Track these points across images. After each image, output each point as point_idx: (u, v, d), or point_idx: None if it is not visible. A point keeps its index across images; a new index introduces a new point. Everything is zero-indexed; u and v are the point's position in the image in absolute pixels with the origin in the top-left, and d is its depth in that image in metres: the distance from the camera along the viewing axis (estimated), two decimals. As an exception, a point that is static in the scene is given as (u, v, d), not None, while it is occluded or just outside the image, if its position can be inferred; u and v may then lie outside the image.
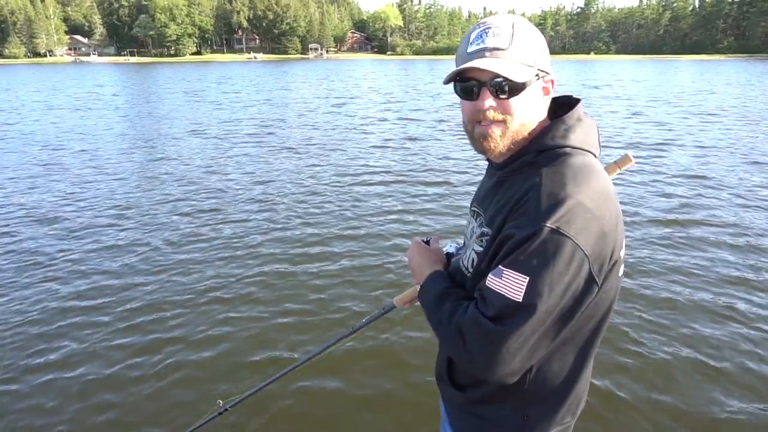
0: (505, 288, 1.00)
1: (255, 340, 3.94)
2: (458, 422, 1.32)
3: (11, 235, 6.21)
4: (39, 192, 8.16)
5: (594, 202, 1.01)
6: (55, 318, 4.28)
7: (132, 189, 8.35)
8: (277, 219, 6.77)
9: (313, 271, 5.13)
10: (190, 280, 4.96)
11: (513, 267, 1.00)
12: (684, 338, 3.87)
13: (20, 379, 3.49)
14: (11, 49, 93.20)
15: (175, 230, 6.35)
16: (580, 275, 0.99)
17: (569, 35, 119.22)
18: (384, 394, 3.34)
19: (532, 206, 1.01)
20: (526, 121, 1.11)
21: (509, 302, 0.99)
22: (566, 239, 0.97)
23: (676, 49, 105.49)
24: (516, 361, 1.02)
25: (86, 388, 3.40)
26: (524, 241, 0.99)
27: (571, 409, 1.21)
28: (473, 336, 1.04)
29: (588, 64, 68.96)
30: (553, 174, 1.04)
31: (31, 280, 5.00)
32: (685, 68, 53.42)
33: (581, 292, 1.01)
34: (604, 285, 1.06)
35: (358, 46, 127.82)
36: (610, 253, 1.04)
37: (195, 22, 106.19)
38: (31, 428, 3.06)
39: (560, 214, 0.98)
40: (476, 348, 1.03)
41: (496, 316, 1.01)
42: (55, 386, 3.42)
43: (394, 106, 20.60)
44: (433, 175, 9.06)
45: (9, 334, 4.05)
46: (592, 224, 0.99)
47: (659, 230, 6.14)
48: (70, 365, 3.65)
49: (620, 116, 16.49)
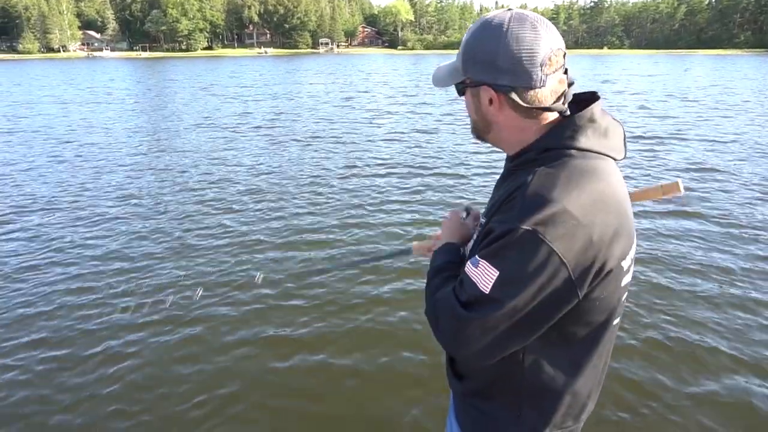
0: (477, 277, 1.02)
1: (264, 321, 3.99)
2: (461, 412, 1.34)
3: (23, 221, 6.31)
4: (52, 181, 8.23)
5: (583, 209, 0.98)
6: (67, 298, 4.36)
7: (144, 178, 8.39)
8: (289, 207, 6.79)
9: (324, 257, 5.14)
10: (197, 263, 4.98)
11: (487, 259, 1.01)
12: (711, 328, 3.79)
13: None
14: (25, 44, 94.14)
15: (190, 219, 6.42)
16: (554, 281, 0.98)
17: (582, 30, 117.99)
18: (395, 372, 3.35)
19: (516, 204, 1.01)
20: (474, 119, 1.18)
21: (477, 292, 1.02)
22: (542, 243, 0.96)
23: (692, 43, 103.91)
24: (480, 346, 1.04)
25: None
26: (501, 236, 1.00)
27: (571, 413, 1.20)
28: (444, 314, 1.09)
29: (601, 58, 68.18)
30: (545, 175, 1.02)
31: (47, 264, 5.04)
32: (701, 63, 52.58)
33: (556, 299, 1.00)
34: (591, 294, 1.04)
35: (368, 40, 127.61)
36: (600, 264, 1.01)
37: (206, 17, 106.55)
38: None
39: (540, 217, 0.96)
40: (445, 326, 1.09)
41: (466, 302, 1.04)
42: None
43: (404, 99, 20.54)
44: (445, 167, 8.98)
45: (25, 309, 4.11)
46: (577, 232, 0.97)
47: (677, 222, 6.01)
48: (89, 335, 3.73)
49: (643, 114, 16.17)
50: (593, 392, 1.23)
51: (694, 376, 3.30)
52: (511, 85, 1.04)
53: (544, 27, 1.02)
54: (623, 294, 1.14)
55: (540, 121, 1.10)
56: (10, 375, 3.40)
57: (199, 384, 3.29)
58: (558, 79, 1.06)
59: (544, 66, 1.02)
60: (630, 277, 1.14)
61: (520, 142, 1.12)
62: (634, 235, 1.11)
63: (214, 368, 3.46)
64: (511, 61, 1.02)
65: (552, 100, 1.07)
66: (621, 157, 1.12)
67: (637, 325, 3.86)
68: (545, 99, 1.06)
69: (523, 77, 1.03)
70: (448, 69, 1.17)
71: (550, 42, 1.02)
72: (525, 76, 1.03)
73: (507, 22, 1.02)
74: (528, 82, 1.03)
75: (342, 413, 3.05)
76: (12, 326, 3.98)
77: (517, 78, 1.03)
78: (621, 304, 1.16)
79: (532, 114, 1.08)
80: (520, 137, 1.12)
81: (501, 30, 1.02)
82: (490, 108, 1.11)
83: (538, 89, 1.04)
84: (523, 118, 1.09)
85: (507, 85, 1.05)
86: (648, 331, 3.78)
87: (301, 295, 4.39)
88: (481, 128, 1.18)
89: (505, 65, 1.03)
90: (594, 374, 1.19)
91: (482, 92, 1.10)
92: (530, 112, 1.08)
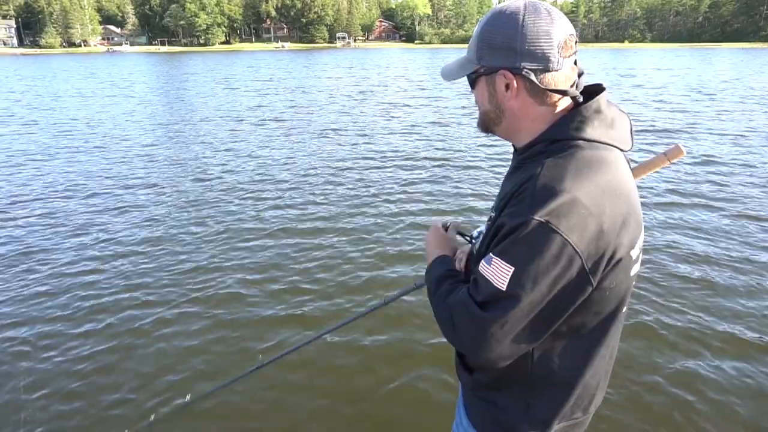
0: (492, 275, 1.01)
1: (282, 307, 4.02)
2: (470, 405, 1.34)
3: (49, 207, 6.54)
4: (79, 169, 8.41)
5: (593, 199, 0.98)
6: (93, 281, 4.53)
7: (164, 167, 8.54)
8: (310, 198, 6.93)
9: (345, 249, 5.21)
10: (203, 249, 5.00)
11: (501, 255, 1.00)
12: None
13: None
14: (47, 39, 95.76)
15: (213, 207, 6.58)
16: (569, 272, 0.98)
17: (603, 23, 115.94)
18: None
19: (526, 196, 1.00)
20: (486, 110, 1.16)
21: (494, 290, 1.00)
22: (555, 234, 0.95)
23: (716, 37, 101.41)
24: (501, 347, 1.03)
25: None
26: (513, 230, 0.99)
27: (580, 404, 1.20)
28: (461, 318, 1.06)
29: (621, 52, 66.96)
30: (554, 166, 1.02)
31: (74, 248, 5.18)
32: (727, 56, 51.28)
33: (571, 289, 1.00)
34: (602, 284, 1.04)
35: (385, 35, 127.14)
36: (611, 253, 1.01)
37: (224, 12, 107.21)
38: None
39: (552, 207, 0.96)
40: (463, 330, 1.06)
41: (484, 301, 1.02)
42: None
43: (420, 92, 20.47)
44: (464, 160, 8.90)
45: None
46: (588, 221, 0.97)
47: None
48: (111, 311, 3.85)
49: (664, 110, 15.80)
50: (602, 383, 1.24)
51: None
52: (530, 67, 1.05)
53: (558, 13, 1.05)
54: (631, 283, 1.14)
55: (552, 109, 1.10)
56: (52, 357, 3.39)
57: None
58: (571, 65, 1.08)
59: (561, 49, 1.03)
60: (638, 267, 1.14)
61: (530, 133, 1.12)
62: (642, 225, 1.11)
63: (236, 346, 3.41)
64: (530, 43, 1.03)
65: (567, 85, 1.08)
66: (628, 148, 1.13)
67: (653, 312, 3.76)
68: (561, 83, 1.07)
69: (542, 59, 1.04)
70: (459, 62, 1.17)
71: (564, 27, 1.04)
72: (543, 59, 1.04)
73: (522, 9, 1.04)
74: (546, 64, 1.04)
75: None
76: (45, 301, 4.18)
77: (535, 60, 1.04)
78: (629, 294, 1.15)
79: (546, 100, 1.09)
80: (531, 126, 1.12)
81: (517, 15, 1.03)
82: (506, 94, 1.10)
83: (555, 72, 1.05)
84: (537, 105, 1.10)
85: (526, 67, 1.05)
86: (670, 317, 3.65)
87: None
88: (492, 119, 1.17)
89: (523, 48, 1.04)
90: (602, 365, 1.19)
91: (498, 78, 1.10)
92: (545, 98, 1.08)
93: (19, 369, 3.35)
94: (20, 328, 3.81)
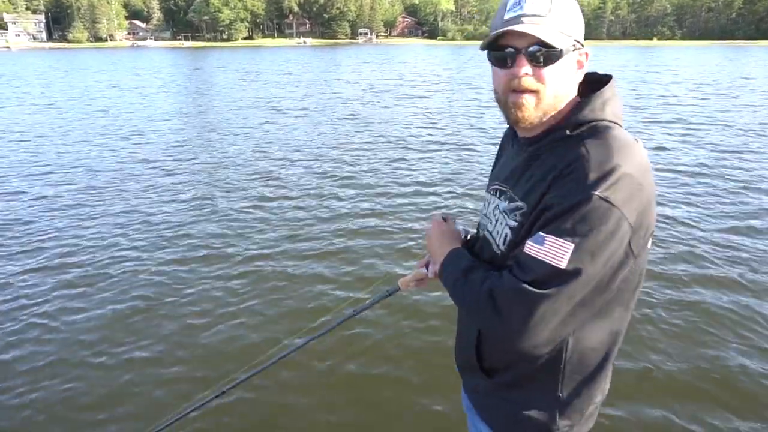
0: (546, 254, 0.99)
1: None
2: (489, 410, 1.30)
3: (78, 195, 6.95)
4: (109, 156, 8.98)
5: (640, 173, 1.01)
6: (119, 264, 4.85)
7: (190, 159, 8.90)
8: (328, 189, 7.11)
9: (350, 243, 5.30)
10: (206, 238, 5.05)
11: (557, 233, 0.99)
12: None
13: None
14: (75, 33, 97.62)
15: (238, 192, 6.95)
16: (621, 246, 1.00)
17: (631, 20, 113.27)
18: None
19: (579, 175, 1.00)
20: (559, 92, 1.10)
21: (551, 268, 0.98)
22: (614, 209, 0.97)
23: (750, 34, 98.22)
24: (549, 329, 1.02)
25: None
26: (571, 208, 0.98)
27: (602, 387, 1.21)
28: (508, 300, 1.03)
29: (648, 50, 65.20)
30: (599, 145, 1.03)
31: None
32: (760, 54, 49.44)
33: (618, 264, 1.02)
34: (638, 258, 1.06)
35: (408, 31, 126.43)
36: (646, 226, 1.04)
37: (247, 7, 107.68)
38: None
39: (609, 183, 0.97)
40: (511, 312, 1.03)
41: (536, 280, 1.00)
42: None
43: (441, 87, 20.44)
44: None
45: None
46: (638, 195, 1.00)
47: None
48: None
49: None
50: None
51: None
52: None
53: None
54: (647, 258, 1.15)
55: (575, 92, 1.14)
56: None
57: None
58: None
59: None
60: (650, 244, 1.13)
61: (556, 116, 1.12)
62: None
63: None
64: (582, 25, 1.11)
65: None
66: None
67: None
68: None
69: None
70: (551, 32, 1.06)
71: None
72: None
73: None
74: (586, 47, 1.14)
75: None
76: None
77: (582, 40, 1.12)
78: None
79: (578, 82, 1.14)
80: (562, 109, 1.11)
81: None
82: (578, 72, 1.12)
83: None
84: (577, 85, 1.14)
85: (585, 47, 1.12)
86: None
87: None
88: (551, 102, 1.10)
89: (583, 28, 1.11)
90: (620, 342, 1.19)
91: (580, 55, 1.11)
92: (579, 78, 1.14)
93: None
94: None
